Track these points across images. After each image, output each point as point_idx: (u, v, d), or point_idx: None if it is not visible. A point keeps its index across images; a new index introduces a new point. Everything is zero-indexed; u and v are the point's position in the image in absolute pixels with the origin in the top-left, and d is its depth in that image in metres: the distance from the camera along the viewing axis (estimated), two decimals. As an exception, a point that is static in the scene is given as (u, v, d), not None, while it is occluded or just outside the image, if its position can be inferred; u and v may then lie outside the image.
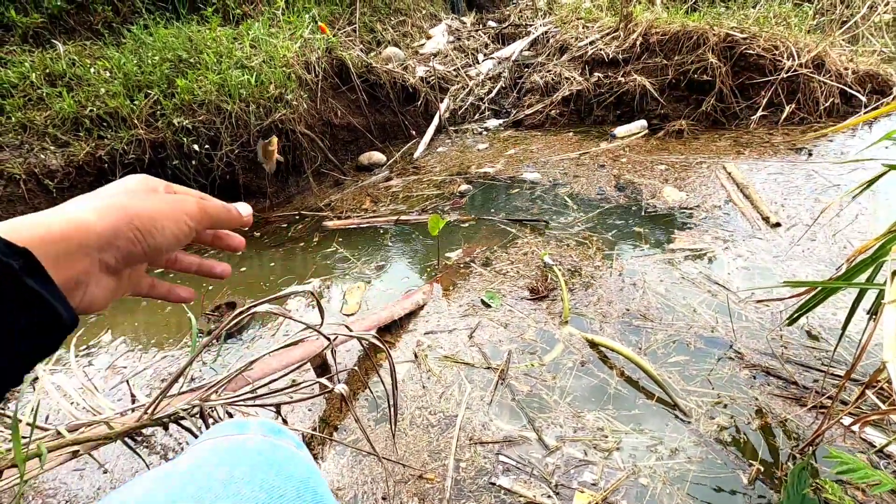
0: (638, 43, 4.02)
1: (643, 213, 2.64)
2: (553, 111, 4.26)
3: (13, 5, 3.62)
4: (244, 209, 0.54)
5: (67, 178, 2.85)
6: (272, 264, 2.64)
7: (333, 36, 4.10)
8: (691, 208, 2.63)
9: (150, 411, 1.18)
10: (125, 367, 2.00)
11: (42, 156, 2.84)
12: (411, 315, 2.07)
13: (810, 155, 3.07)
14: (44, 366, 1.74)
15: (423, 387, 1.71)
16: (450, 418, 1.57)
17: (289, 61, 3.49)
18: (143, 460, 1.50)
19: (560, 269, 2.17)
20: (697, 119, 3.72)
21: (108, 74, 3.21)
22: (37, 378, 1.66)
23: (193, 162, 3.05)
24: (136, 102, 3.05)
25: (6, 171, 2.71)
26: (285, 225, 3.08)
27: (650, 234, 2.44)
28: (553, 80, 4.38)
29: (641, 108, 3.93)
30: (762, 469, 1.32)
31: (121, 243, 0.39)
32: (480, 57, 5.16)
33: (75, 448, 1.07)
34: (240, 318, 1.15)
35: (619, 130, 3.76)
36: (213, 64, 3.26)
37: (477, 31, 5.63)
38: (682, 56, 3.80)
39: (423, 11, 5.74)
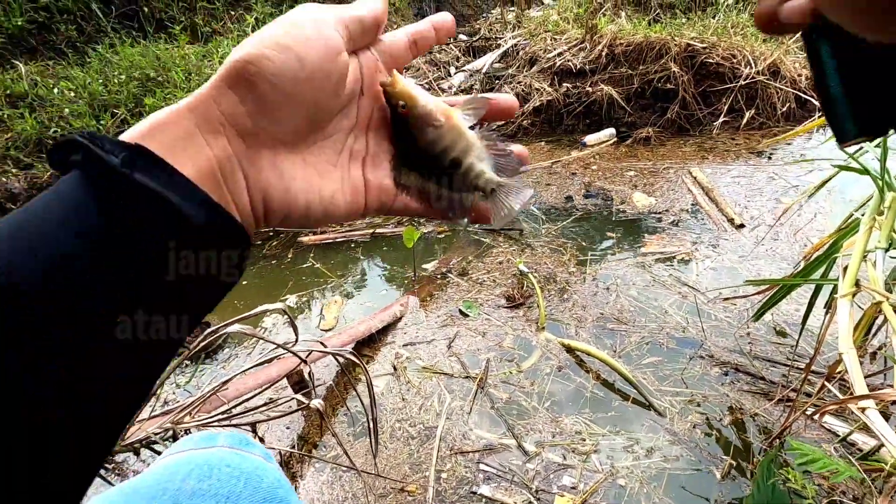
0: (604, 54, 4.13)
1: (614, 219, 2.70)
2: (525, 121, 4.34)
3: (-29, 26, 3.54)
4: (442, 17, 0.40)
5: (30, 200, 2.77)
6: (245, 282, 2.61)
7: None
8: (660, 212, 2.70)
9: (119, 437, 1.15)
10: (95, 394, 1.94)
11: (3, 178, 2.76)
12: (389, 327, 2.07)
13: (770, 158, 3.19)
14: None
15: (403, 399, 1.70)
16: (430, 429, 1.57)
17: (260, 78, 3.48)
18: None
19: (535, 277, 2.20)
20: (663, 126, 3.84)
21: (72, 94, 3.15)
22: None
23: (163, 181, 3.01)
24: (102, 122, 2.99)
25: (-35, 196, 2.62)
26: (259, 242, 3.05)
27: (622, 239, 2.50)
28: (524, 91, 4.46)
29: (610, 117, 4.04)
30: (734, 463, 1.36)
31: (231, 83, 0.29)
32: (452, 70, 5.23)
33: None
34: (210, 339, 1.13)
35: (589, 139, 3.85)
36: (182, 82, 3.23)
37: (448, 44, 5.71)
38: (646, 66, 3.93)
39: (395, 27, 5.81)
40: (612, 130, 3.93)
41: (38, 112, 3.05)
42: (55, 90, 3.17)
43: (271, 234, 3.12)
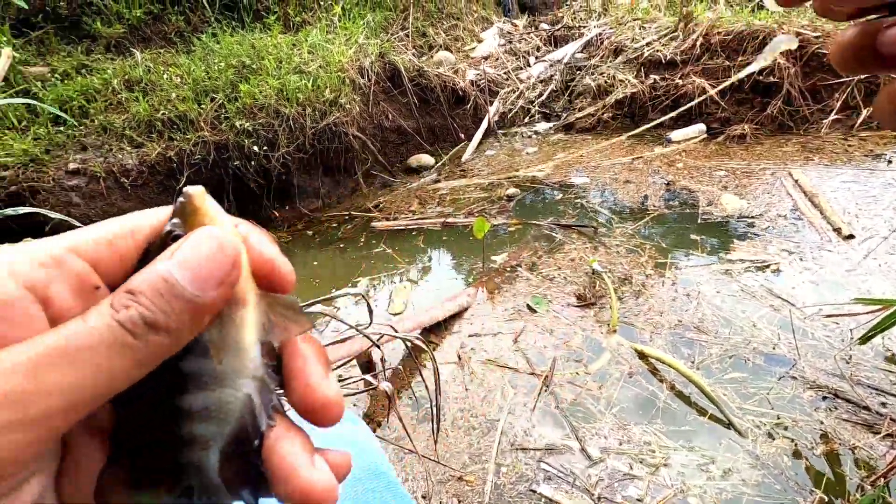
0: (698, 44, 3.85)
1: (699, 221, 2.53)
2: (605, 114, 4.16)
3: (99, 17, 3.95)
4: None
5: (141, 176, 3.07)
6: (315, 263, 2.73)
7: (386, 42, 4.20)
8: (753, 217, 2.49)
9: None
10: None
11: (119, 156, 3.07)
12: (455, 317, 2.09)
13: (890, 163, 2.83)
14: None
15: (466, 389, 1.71)
16: (491, 422, 1.56)
17: (343, 66, 3.60)
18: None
19: (609, 277, 2.12)
20: (761, 123, 3.52)
21: (178, 80, 3.43)
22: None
23: (253, 163, 3.21)
24: (202, 106, 3.24)
25: (89, 170, 2.95)
26: (335, 225, 3.18)
27: (706, 243, 2.33)
28: (606, 82, 4.28)
29: (700, 112, 3.77)
30: (826, 498, 1.23)
31: None
32: (532, 60, 5.12)
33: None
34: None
35: (676, 134, 3.62)
36: (274, 69, 3.41)
37: (529, 33, 5.59)
38: (746, 57, 3.61)
39: (475, 15, 5.77)
40: (701, 126, 3.67)
41: (149, 96, 3.36)
42: (165, 76, 3.47)
43: (346, 217, 3.24)
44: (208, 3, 4.12)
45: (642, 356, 1.74)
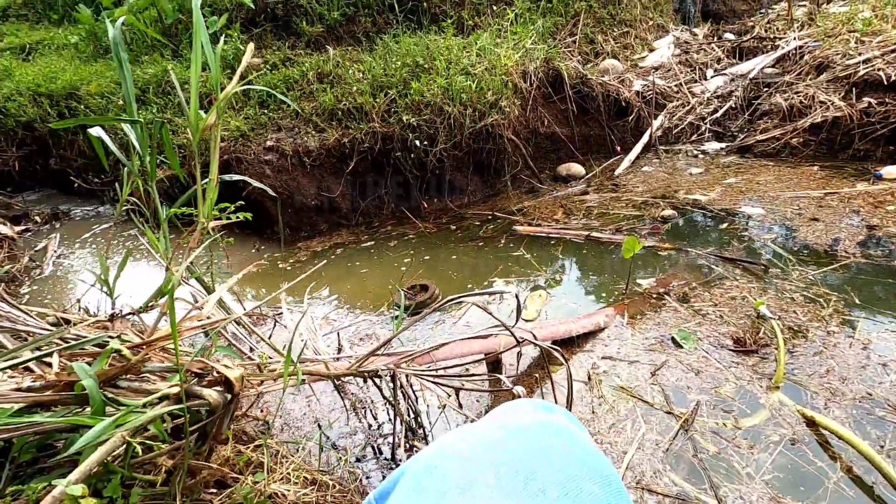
0: (940, 63, 3.15)
1: (911, 279, 2.08)
2: (795, 139, 3.62)
3: (305, 18, 4.57)
4: None
5: (319, 157, 3.49)
6: (453, 257, 2.83)
7: (553, 47, 4.17)
8: None
9: (358, 364, 1.39)
10: (335, 321, 2.38)
11: (305, 138, 3.53)
12: (590, 335, 2.01)
13: None
14: (287, 306, 2.18)
15: (593, 412, 1.64)
16: (618, 454, 1.48)
17: (508, 70, 3.66)
18: (343, 401, 1.77)
19: (779, 324, 1.85)
20: None
21: (360, 75, 3.82)
22: (281, 312, 2.10)
23: (412, 155, 3.44)
24: (377, 100, 3.57)
25: (281, 148, 3.45)
26: (478, 223, 3.26)
27: (919, 307, 1.91)
28: (801, 102, 3.72)
29: (929, 146, 3.08)
30: None
31: None
32: (710, 72, 4.67)
33: (304, 377, 1.31)
34: (444, 303, 1.27)
35: (889, 171, 3.01)
36: (443, 69, 3.61)
37: (709, 43, 5.09)
38: None
39: (650, 22, 5.43)
40: (929, 164, 3.00)
41: (335, 87, 3.79)
42: (349, 71, 3.89)
43: (489, 216, 3.31)
44: (396, 6, 4.50)
45: (811, 424, 1.49)
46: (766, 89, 4.13)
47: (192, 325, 1.32)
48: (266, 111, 3.76)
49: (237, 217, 1.78)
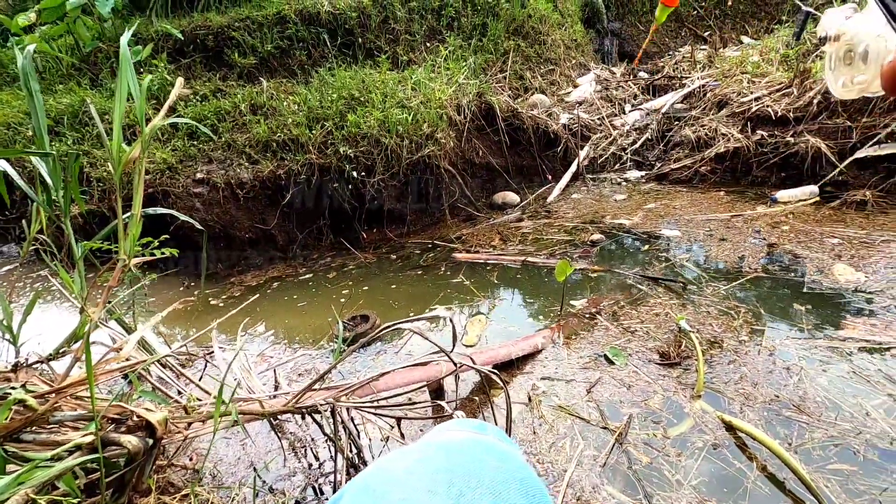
0: (815, 101, 3.62)
1: (805, 290, 2.32)
2: (703, 167, 4.00)
3: (237, 50, 4.51)
4: None
5: (253, 189, 3.41)
6: (393, 286, 2.84)
7: (485, 83, 4.38)
8: (871, 293, 2.25)
9: (295, 400, 1.34)
10: (272, 357, 2.29)
11: (238, 170, 3.44)
12: (528, 357, 2.07)
13: None
14: (219, 344, 2.07)
15: (534, 432, 1.68)
16: (558, 472, 1.51)
17: (443, 103, 3.80)
18: (281, 441, 1.69)
19: (697, 337, 2.00)
20: (888, 190, 3.20)
21: (295, 107, 3.81)
22: (212, 351, 1.99)
23: (350, 186, 3.44)
24: (313, 132, 3.56)
25: (212, 180, 3.33)
26: (418, 252, 3.29)
27: (813, 315, 2.13)
28: (707, 135, 4.12)
29: (813, 173, 3.50)
30: None
31: None
32: (627, 107, 5.07)
33: (235, 418, 1.25)
34: (380, 331, 1.27)
35: (782, 195, 3.38)
36: (379, 102, 3.68)
37: (626, 81, 5.56)
38: (873, 118, 3.33)
39: (573, 61, 5.85)
40: (813, 188, 3.41)
41: (269, 119, 3.75)
42: (284, 103, 3.87)
43: (430, 245, 3.35)
44: (328, 41, 4.56)
45: (730, 428, 1.61)
46: (676, 122, 4.54)
47: (111, 367, 1.23)
48: (195, 143, 3.64)
49: (161, 253, 1.69)
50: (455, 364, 1.21)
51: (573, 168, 4.26)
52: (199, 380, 1.84)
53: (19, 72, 1.38)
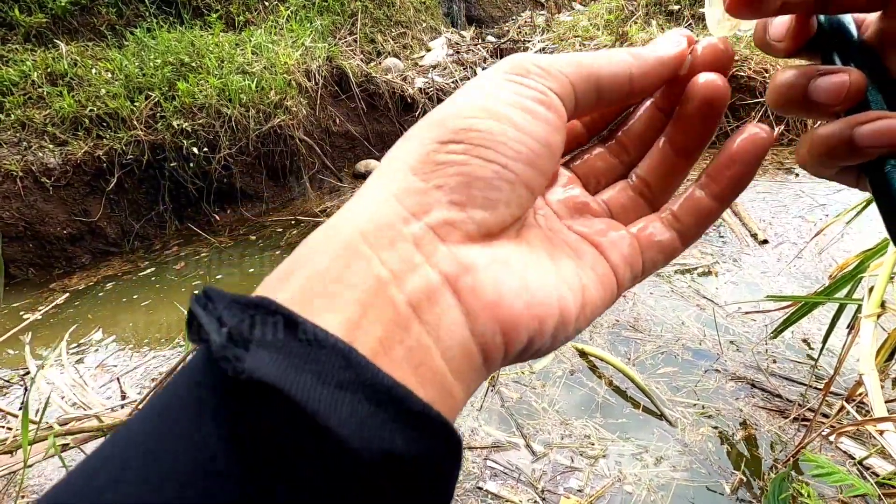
0: (633, 62, 4.11)
1: (635, 227, 2.69)
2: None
3: (17, 5, 3.65)
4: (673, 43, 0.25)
5: (65, 176, 2.86)
6: (252, 270, 2.66)
7: (334, 46, 4.17)
8: (682, 224, 2.68)
9: (139, 407, 1.19)
10: (115, 366, 2.00)
11: (40, 154, 2.85)
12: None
13: (797, 175, 3.14)
14: (35, 362, 1.74)
15: (414, 391, 1.72)
16: (439, 423, 1.58)
17: (289, 68, 3.53)
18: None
19: (552, 280, 2.20)
20: (690, 137, 3.80)
21: (109, 76, 3.24)
22: (28, 373, 1.66)
23: (191, 165, 3.07)
24: (136, 104, 3.07)
25: (3, 168, 2.71)
26: (280, 230, 3.10)
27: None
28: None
29: (635, 125, 4.01)
30: (745, 479, 1.34)
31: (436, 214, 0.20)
32: (479, 70, 5.25)
33: (65, 441, 1.07)
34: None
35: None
36: (215, 69, 3.30)
37: (476, 45, 5.72)
38: (675, 76, 3.89)
39: (424, 24, 5.84)
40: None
41: (76, 91, 3.14)
42: (93, 71, 3.26)
43: (293, 222, 3.17)
44: (143, -4, 3.92)
45: (583, 355, 1.82)
46: (523, 84, 4.83)
47: None
48: (-28, 123, 2.92)
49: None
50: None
51: (433, 132, 4.32)
52: (24, 405, 1.54)
53: None
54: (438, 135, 0.21)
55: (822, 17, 0.24)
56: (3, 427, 1.36)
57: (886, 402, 1.10)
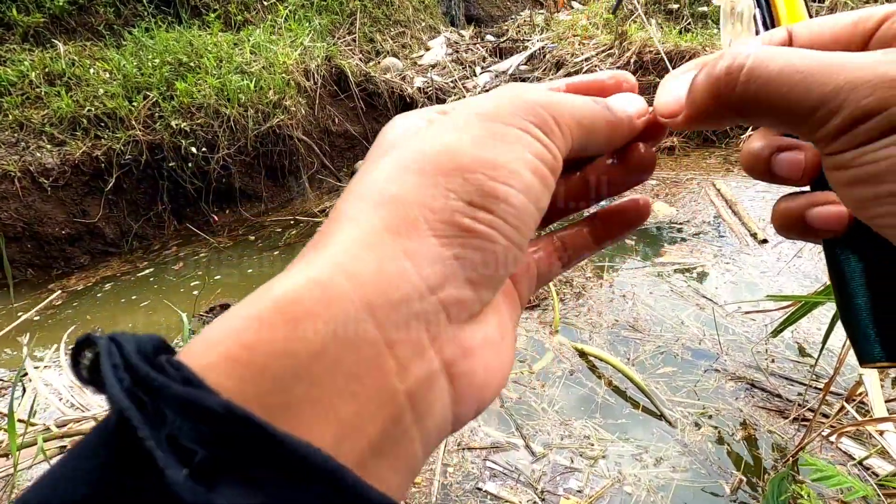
0: (632, 61, 4.10)
1: (634, 227, 2.68)
2: (548, 125, 4.33)
3: (14, 4, 3.64)
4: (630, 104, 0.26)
5: (63, 176, 2.85)
6: (250, 270, 2.65)
7: (333, 45, 4.16)
8: (681, 223, 2.67)
9: (139, 408, 1.18)
10: (114, 367, 1.99)
11: (38, 154, 2.84)
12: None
13: (798, 174, 3.14)
14: (34, 363, 1.74)
15: (413, 392, 1.72)
16: (439, 423, 1.58)
17: (288, 68, 3.53)
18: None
19: (551, 280, 2.20)
20: (688, 137, 3.79)
21: (107, 75, 3.23)
22: (26, 374, 1.66)
23: (190, 164, 3.07)
24: (134, 104, 3.07)
25: (1, 168, 2.71)
26: (280, 230, 3.09)
27: (640, 248, 2.48)
28: (549, 94, 4.45)
29: (635, 125, 4.00)
30: (744, 479, 1.34)
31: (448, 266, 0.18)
32: (478, 70, 5.24)
33: (64, 443, 1.07)
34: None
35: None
36: (213, 68, 3.29)
37: (475, 44, 5.72)
38: (674, 75, 3.88)
39: (423, 24, 5.83)
40: (636, 138, 3.90)
41: (74, 91, 3.13)
42: (91, 70, 3.25)
43: (292, 221, 3.16)
44: (141, -4, 3.92)
45: (583, 355, 1.82)
46: (522, 83, 4.82)
47: None
48: (-30, 123, 2.91)
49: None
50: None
51: (432, 132, 4.31)
52: (17, 408, 1.53)
53: None
54: (463, 189, 0.18)
55: None
56: (2, 429, 1.36)
57: (886, 402, 1.10)
